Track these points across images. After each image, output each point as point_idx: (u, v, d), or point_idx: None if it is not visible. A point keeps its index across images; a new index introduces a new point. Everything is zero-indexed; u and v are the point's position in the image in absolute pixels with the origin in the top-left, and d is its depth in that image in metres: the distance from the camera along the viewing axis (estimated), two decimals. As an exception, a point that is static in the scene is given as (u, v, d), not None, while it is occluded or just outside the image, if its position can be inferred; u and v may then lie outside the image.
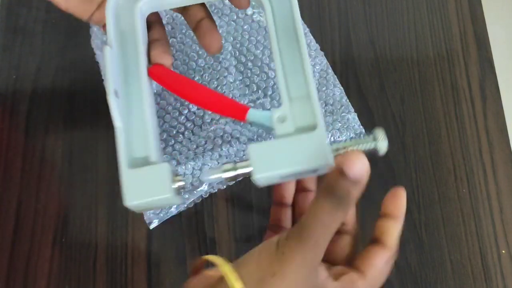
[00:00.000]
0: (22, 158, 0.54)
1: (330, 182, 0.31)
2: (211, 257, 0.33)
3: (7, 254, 0.51)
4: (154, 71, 0.40)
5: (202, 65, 0.57)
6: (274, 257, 0.31)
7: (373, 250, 0.35)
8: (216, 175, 0.36)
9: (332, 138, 0.54)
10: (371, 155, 0.54)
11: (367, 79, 0.58)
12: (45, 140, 0.55)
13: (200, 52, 0.57)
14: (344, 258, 0.37)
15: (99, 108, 0.50)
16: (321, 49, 0.58)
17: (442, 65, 0.59)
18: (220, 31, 0.58)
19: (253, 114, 0.39)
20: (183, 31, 0.58)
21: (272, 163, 0.35)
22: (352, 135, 0.54)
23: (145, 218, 0.50)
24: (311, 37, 0.58)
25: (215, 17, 0.59)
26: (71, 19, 0.61)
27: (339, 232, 0.37)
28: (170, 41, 0.58)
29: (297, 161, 0.35)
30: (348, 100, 0.56)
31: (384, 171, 0.54)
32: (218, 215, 0.53)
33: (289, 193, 0.42)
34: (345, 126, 0.54)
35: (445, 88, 0.58)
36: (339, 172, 0.31)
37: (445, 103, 0.57)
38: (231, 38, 0.58)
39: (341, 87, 0.56)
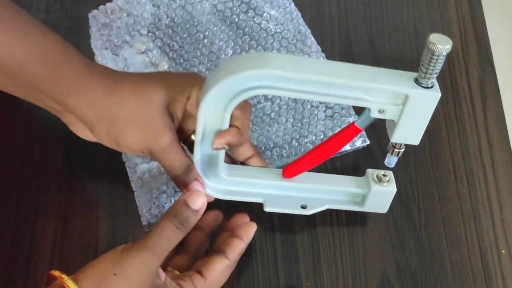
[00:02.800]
0: (22, 159, 0.54)
1: (175, 209, 0.41)
2: (55, 272, 0.39)
3: (7, 255, 0.51)
4: (287, 172, 0.48)
5: (203, 70, 0.57)
6: (118, 260, 0.38)
7: (216, 257, 0.44)
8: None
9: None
10: (370, 154, 0.54)
11: (367, 79, 0.58)
12: (45, 140, 0.55)
13: (201, 58, 0.57)
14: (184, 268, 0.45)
15: (99, 108, 0.50)
16: (322, 50, 0.58)
17: (442, 65, 0.58)
18: (221, 36, 0.58)
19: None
20: (184, 35, 0.58)
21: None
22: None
23: (142, 219, 0.50)
24: (312, 38, 0.58)
25: (217, 21, 0.59)
26: (71, 19, 0.62)
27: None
28: (170, 44, 0.58)
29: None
30: (349, 103, 0.56)
31: (384, 171, 0.54)
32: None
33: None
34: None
35: (445, 88, 0.58)
36: (184, 203, 0.41)
37: (445, 103, 0.57)
38: (232, 44, 0.58)
39: (342, 89, 0.56)
